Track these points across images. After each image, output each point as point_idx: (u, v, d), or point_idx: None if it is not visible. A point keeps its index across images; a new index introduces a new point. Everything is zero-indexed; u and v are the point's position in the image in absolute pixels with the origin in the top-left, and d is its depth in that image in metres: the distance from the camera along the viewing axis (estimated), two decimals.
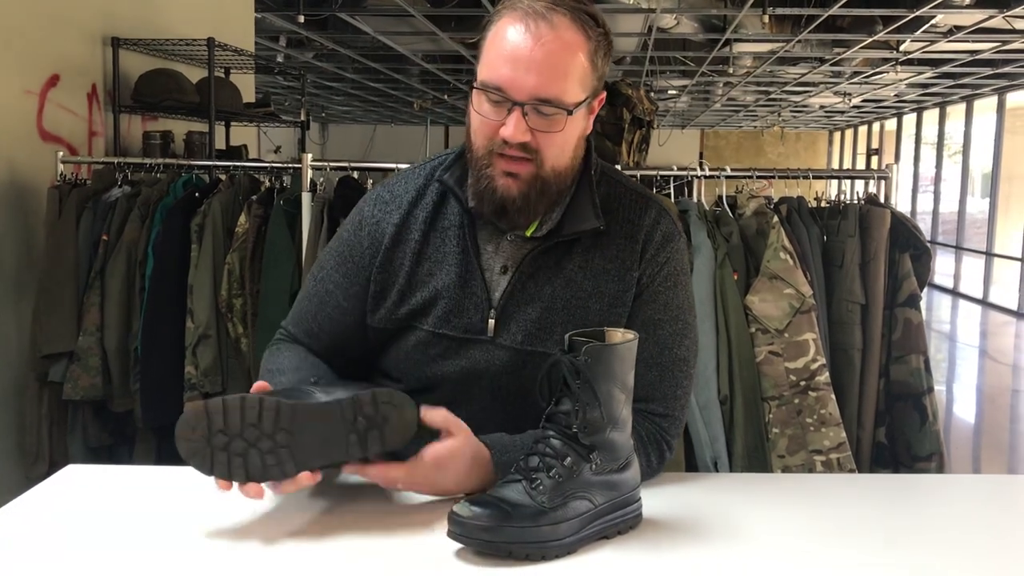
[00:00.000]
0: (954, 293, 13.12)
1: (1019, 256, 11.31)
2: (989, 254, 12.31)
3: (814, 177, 2.81)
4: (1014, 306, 11.33)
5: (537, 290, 1.40)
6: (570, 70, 1.30)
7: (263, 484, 1.19)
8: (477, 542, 1.12)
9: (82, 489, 1.37)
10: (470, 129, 1.37)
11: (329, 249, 1.52)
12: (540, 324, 1.39)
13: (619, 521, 1.21)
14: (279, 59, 8.90)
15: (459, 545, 1.13)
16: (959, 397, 7.31)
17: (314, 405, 1.21)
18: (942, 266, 12.95)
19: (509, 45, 1.29)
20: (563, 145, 1.34)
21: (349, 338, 1.48)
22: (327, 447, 1.19)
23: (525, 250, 1.41)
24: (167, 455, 3.10)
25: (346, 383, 1.34)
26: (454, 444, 1.27)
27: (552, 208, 1.40)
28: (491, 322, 1.40)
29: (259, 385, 1.26)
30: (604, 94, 1.40)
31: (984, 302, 12.16)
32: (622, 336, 1.22)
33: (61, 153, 3.32)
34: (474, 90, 1.34)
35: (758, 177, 2.77)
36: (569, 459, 1.18)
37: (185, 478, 1.41)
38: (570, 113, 1.31)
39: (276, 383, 1.36)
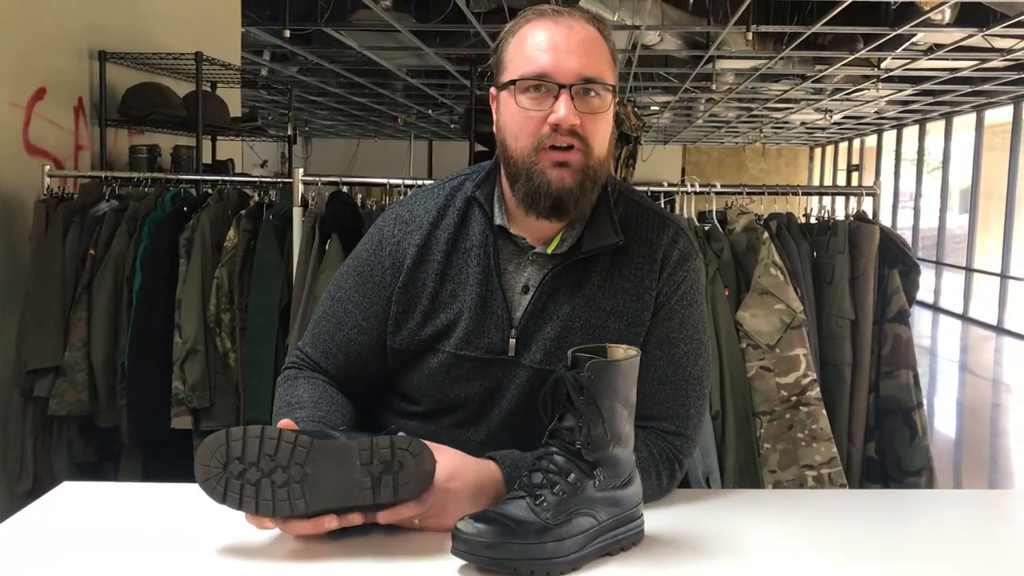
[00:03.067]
0: (935, 308, 13.23)
1: (998, 271, 11.42)
2: (969, 269, 12.42)
3: (803, 193, 2.83)
4: (993, 321, 11.43)
5: (556, 309, 1.40)
6: (604, 55, 1.36)
7: (278, 521, 1.18)
8: (481, 559, 1.11)
9: (79, 507, 1.36)
10: (507, 135, 1.36)
11: (347, 269, 1.51)
12: (559, 343, 1.39)
13: (622, 537, 1.21)
14: (263, 73, 8.90)
15: (463, 562, 1.13)
16: (940, 412, 7.36)
17: (331, 443, 1.19)
18: (922, 281, 12.92)
19: (543, 39, 1.33)
20: (605, 131, 1.36)
21: (368, 359, 1.47)
22: (340, 488, 1.17)
23: (546, 269, 1.41)
24: (153, 471, 3.07)
25: (370, 435, 1.31)
26: (450, 457, 1.25)
27: (573, 224, 1.41)
28: (512, 342, 1.40)
29: (284, 422, 1.24)
30: (616, 98, 1.42)
31: (964, 317, 12.26)
32: (624, 352, 1.22)
33: (48, 167, 3.30)
34: (505, 92, 1.35)
35: (747, 193, 2.78)
36: (572, 475, 1.17)
37: (182, 495, 1.41)
38: (613, 92, 1.35)
39: (296, 418, 1.35)
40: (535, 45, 1.33)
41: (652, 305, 1.42)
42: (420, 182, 2.72)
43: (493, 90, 1.41)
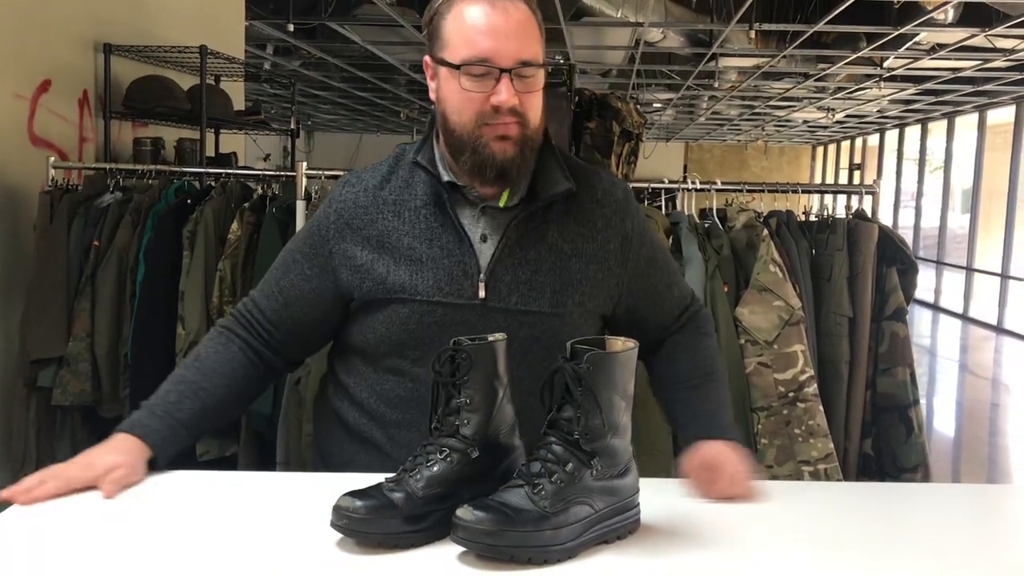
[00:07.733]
0: (935, 308, 13.23)
1: (999, 271, 11.43)
2: (969, 269, 12.43)
3: (803, 191, 2.84)
4: (993, 321, 11.44)
5: (523, 254, 1.50)
6: (535, 34, 1.45)
7: None
8: (480, 546, 1.13)
9: (74, 493, 1.37)
10: (449, 110, 1.45)
11: (301, 228, 1.62)
12: (530, 285, 1.49)
13: (619, 526, 1.23)
14: (266, 67, 8.91)
15: (462, 549, 1.15)
16: (940, 411, 7.37)
17: None
18: (923, 281, 12.92)
19: (482, 21, 1.40)
20: (539, 103, 1.47)
21: (306, 304, 1.56)
22: None
23: (504, 220, 1.50)
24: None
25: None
26: None
27: (520, 178, 1.49)
28: (481, 285, 1.48)
29: None
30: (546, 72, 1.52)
31: (964, 317, 12.27)
32: (623, 344, 1.24)
33: (52, 158, 3.31)
34: (448, 72, 1.43)
35: (748, 191, 2.80)
36: (570, 465, 1.19)
37: (176, 483, 1.43)
38: (544, 69, 1.45)
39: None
40: (474, 28, 1.40)
41: (611, 242, 1.54)
42: None
43: (428, 59, 1.49)
